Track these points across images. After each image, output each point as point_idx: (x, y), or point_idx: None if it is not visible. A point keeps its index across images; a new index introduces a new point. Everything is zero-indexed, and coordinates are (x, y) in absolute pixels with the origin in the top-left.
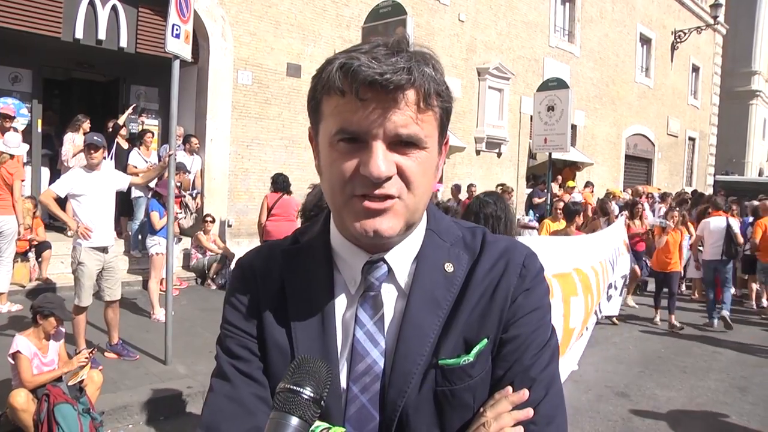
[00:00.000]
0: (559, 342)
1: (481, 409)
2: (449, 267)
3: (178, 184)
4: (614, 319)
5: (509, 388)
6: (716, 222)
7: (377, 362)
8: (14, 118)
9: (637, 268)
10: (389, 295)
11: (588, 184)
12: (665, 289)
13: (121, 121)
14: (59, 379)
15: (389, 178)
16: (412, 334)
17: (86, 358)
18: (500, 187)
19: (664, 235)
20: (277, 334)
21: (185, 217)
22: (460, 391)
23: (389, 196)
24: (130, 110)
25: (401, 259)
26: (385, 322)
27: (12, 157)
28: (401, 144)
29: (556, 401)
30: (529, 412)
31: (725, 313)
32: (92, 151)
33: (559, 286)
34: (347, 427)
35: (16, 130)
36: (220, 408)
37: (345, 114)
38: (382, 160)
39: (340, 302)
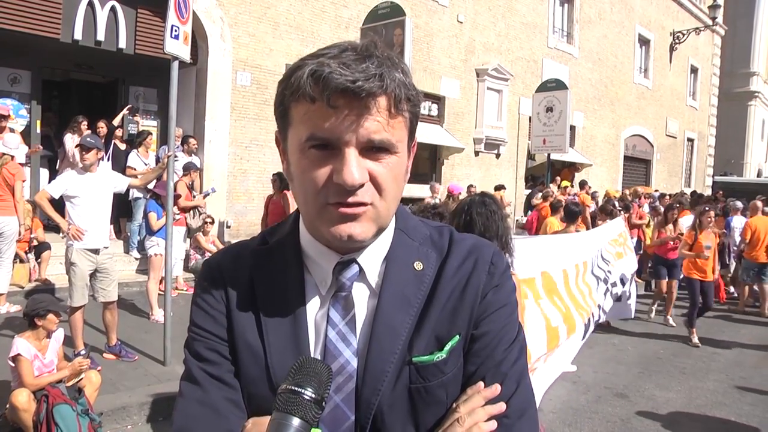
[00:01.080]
0: (545, 340)
1: (455, 405)
2: (419, 265)
3: (190, 183)
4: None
5: (481, 384)
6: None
7: (350, 362)
8: (8, 117)
9: (675, 283)
10: (360, 295)
11: (583, 184)
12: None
13: (116, 122)
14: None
15: (362, 185)
16: (384, 333)
17: (82, 364)
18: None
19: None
20: (248, 335)
21: (194, 217)
22: (434, 388)
23: (362, 204)
24: (125, 111)
25: (372, 259)
26: (357, 322)
27: (13, 158)
28: (373, 150)
29: (526, 395)
30: (501, 407)
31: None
32: (84, 152)
33: (542, 285)
34: (322, 428)
35: (12, 130)
36: (192, 413)
37: (315, 120)
38: (355, 167)
39: (312, 303)
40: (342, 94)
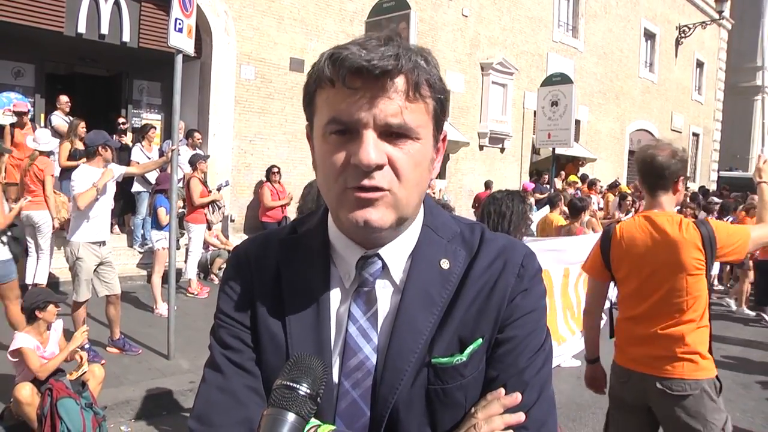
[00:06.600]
0: None
1: (473, 410)
2: (445, 263)
3: (202, 177)
4: None
5: (502, 390)
6: None
7: (369, 358)
8: (27, 113)
9: None
10: (384, 291)
11: (584, 179)
12: None
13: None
14: (62, 373)
15: (380, 168)
16: (405, 331)
17: (81, 345)
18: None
19: None
20: (271, 324)
21: (213, 213)
22: (452, 390)
23: (379, 189)
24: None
25: (396, 254)
26: (379, 318)
27: (41, 153)
28: (392, 134)
29: (547, 405)
30: (520, 417)
31: None
32: (113, 152)
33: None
34: (338, 422)
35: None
36: (212, 399)
37: (335, 104)
38: (372, 148)
39: (335, 296)
40: (357, 73)
